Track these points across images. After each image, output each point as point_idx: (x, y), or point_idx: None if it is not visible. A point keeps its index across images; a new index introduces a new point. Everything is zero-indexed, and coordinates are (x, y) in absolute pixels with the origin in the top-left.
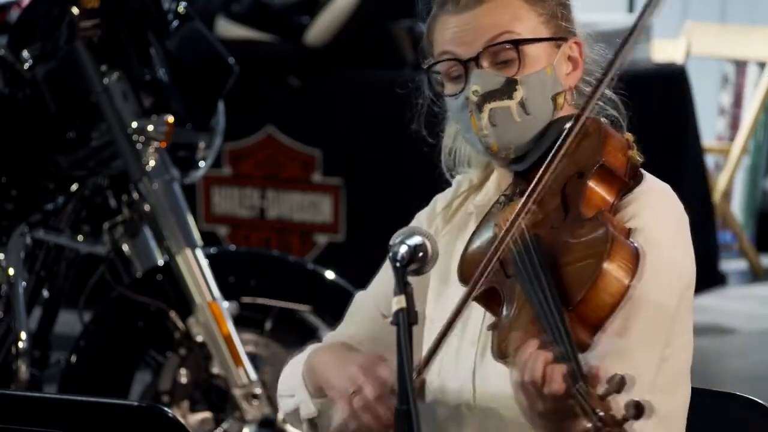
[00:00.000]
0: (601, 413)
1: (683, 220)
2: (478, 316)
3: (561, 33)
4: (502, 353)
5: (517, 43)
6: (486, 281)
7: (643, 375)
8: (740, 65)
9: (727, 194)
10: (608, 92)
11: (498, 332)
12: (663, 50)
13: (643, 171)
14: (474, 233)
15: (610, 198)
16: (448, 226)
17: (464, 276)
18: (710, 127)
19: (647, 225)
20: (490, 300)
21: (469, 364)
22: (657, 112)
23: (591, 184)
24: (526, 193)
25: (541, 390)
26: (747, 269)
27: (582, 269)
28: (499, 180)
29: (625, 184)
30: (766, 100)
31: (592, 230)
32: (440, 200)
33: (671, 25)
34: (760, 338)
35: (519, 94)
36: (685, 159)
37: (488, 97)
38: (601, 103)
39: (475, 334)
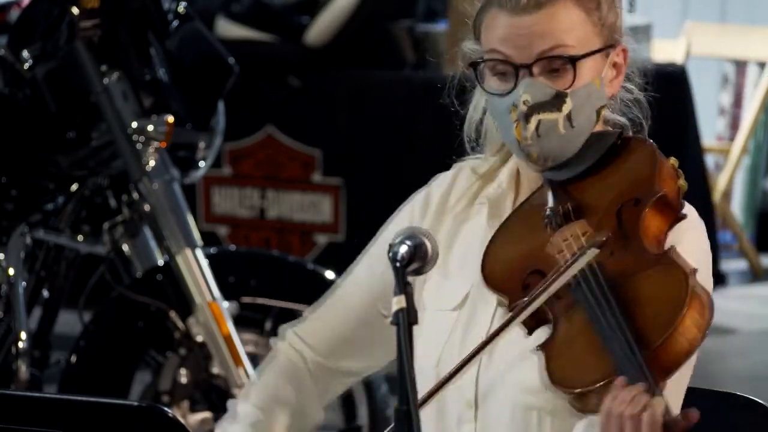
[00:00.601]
0: None
1: (708, 244)
2: (485, 317)
3: (611, 41)
4: (562, 379)
5: (574, 60)
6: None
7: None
8: (740, 65)
9: (727, 194)
10: (636, 91)
11: (552, 355)
12: (663, 50)
13: None
14: (500, 233)
15: (665, 228)
16: (449, 215)
17: (492, 279)
18: (710, 127)
19: (695, 260)
20: (539, 321)
21: (474, 362)
22: (657, 112)
23: (649, 214)
24: (596, 242)
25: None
26: (747, 269)
27: (662, 312)
28: (515, 175)
29: (678, 217)
30: (766, 100)
31: (666, 269)
32: (437, 186)
33: (671, 25)
34: (760, 338)
35: (567, 107)
36: (685, 159)
37: (537, 108)
38: (626, 101)
39: (480, 335)
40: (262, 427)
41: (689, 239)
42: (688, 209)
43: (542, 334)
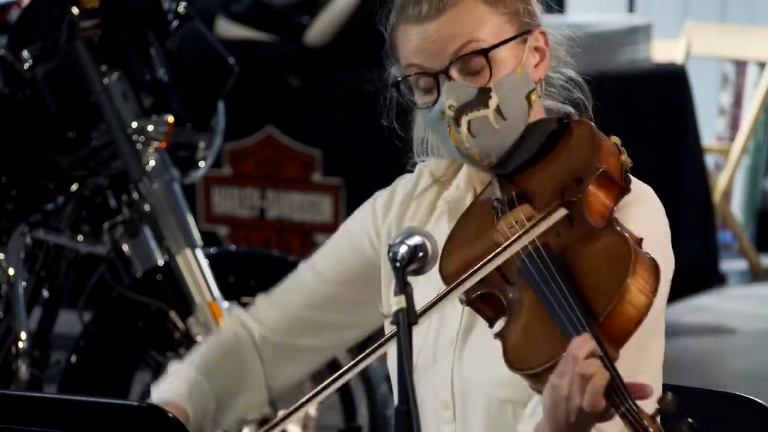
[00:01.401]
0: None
1: (666, 221)
2: (455, 315)
3: (525, 27)
4: (518, 362)
5: (486, 52)
6: (482, 286)
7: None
8: (740, 65)
9: (727, 194)
10: (572, 73)
11: (508, 341)
12: (663, 50)
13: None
14: (454, 232)
15: (610, 204)
16: (414, 219)
17: (447, 277)
18: (710, 127)
19: (643, 232)
20: (484, 304)
21: (447, 364)
22: (657, 112)
23: (592, 189)
24: (534, 220)
25: (578, 400)
26: (747, 269)
27: (606, 282)
28: (470, 176)
29: (623, 189)
30: (766, 100)
31: (610, 241)
32: (401, 187)
33: (671, 25)
34: (760, 338)
35: (494, 102)
36: (685, 159)
37: (464, 109)
38: (566, 83)
39: (452, 334)
40: (198, 387)
41: (638, 212)
42: (643, 188)
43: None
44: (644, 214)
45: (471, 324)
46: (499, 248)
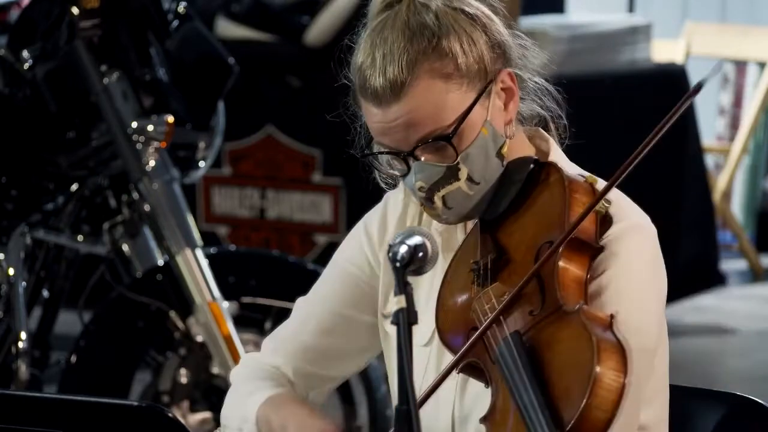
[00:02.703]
0: None
1: (653, 251)
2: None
3: (486, 80)
4: None
5: (449, 138)
6: (469, 357)
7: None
8: (740, 65)
9: (727, 194)
10: (541, 81)
11: (489, 426)
12: (663, 50)
13: (612, 196)
14: (442, 291)
15: (582, 271)
16: None
17: (441, 327)
18: (710, 127)
19: (615, 277)
20: (473, 372)
21: (447, 413)
22: (657, 112)
23: (562, 263)
24: (504, 302)
25: None
26: (747, 269)
27: (571, 385)
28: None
29: (596, 250)
30: (766, 100)
31: (575, 333)
32: (392, 210)
33: (671, 25)
34: (760, 338)
35: (464, 173)
36: (685, 159)
37: (435, 187)
38: (537, 100)
39: (452, 386)
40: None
41: (617, 252)
42: (631, 220)
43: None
44: (623, 255)
45: None
46: (474, 336)
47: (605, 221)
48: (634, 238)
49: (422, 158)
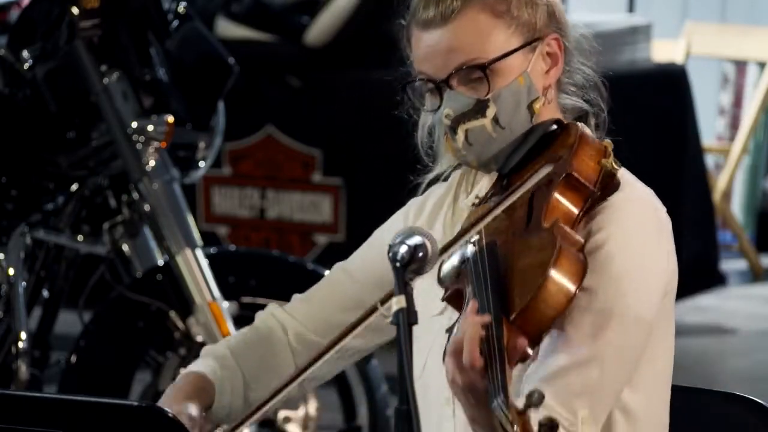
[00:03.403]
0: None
1: (660, 227)
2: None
3: (535, 35)
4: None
5: (484, 67)
6: (453, 283)
7: (606, 386)
8: (740, 65)
9: (727, 194)
10: (590, 72)
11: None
12: (663, 50)
13: (627, 176)
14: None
15: (575, 209)
16: (440, 222)
17: (439, 278)
18: (710, 127)
19: (617, 233)
20: (457, 301)
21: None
22: (657, 112)
23: (556, 194)
24: (499, 200)
25: (460, 358)
26: (747, 269)
27: (527, 280)
28: (491, 179)
29: (592, 193)
30: (766, 100)
31: (542, 241)
32: (434, 192)
33: (671, 25)
34: (760, 338)
35: (491, 111)
36: (685, 159)
37: (461, 118)
38: (583, 81)
39: None
40: (227, 363)
41: (611, 218)
42: (636, 192)
43: None
44: (616, 222)
45: None
46: (456, 235)
47: (611, 181)
48: (639, 207)
49: (455, 87)
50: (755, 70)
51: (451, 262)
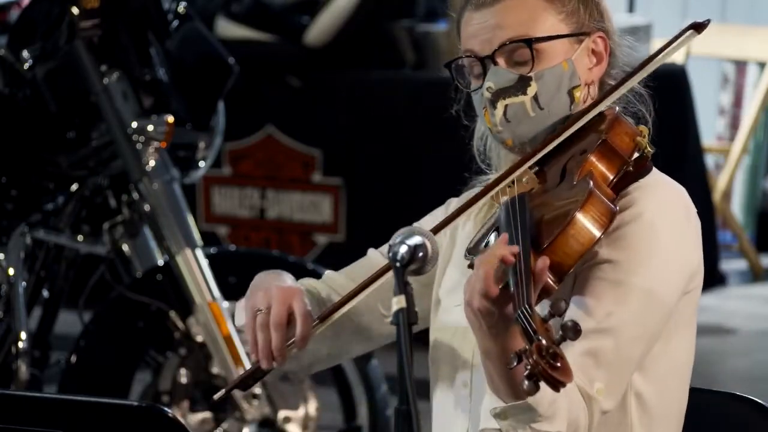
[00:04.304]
0: (541, 337)
1: (690, 216)
2: None
3: (584, 28)
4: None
5: (530, 43)
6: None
7: (621, 357)
8: (740, 65)
9: (727, 194)
10: (637, 86)
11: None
12: None
13: (661, 174)
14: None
15: (609, 174)
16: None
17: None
18: (710, 127)
19: (647, 210)
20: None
21: (471, 343)
22: (657, 112)
23: (591, 157)
24: (527, 157)
25: (480, 284)
26: (747, 269)
27: (557, 217)
28: None
29: (626, 163)
30: (766, 100)
31: (574, 188)
32: (471, 188)
33: (671, 25)
34: (760, 338)
35: (532, 90)
36: (685, 159)
37: (501, 93)
38: (629, 96)
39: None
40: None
41: (641, 197)
42: (664, 176)
43: None
44: (652, 198)
45: None
46: (489, 184)
47: (645, 162)
48: (672, 192)
49: (500, 64)
50: (755, 70)
51: (480, 231)
